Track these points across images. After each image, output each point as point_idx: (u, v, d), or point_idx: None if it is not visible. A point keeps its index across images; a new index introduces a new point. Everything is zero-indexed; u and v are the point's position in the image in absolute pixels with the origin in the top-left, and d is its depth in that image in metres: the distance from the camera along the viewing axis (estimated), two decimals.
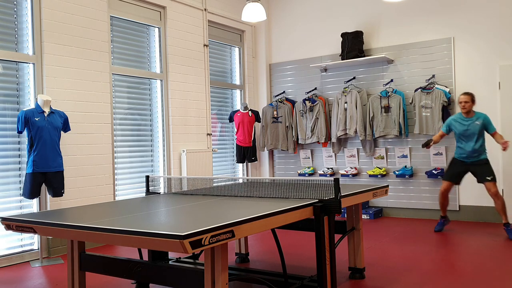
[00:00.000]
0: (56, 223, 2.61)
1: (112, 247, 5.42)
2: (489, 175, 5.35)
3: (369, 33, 7.11)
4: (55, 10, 5.12)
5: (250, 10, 5.27)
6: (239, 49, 7.96)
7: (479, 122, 5.35)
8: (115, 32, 5.90)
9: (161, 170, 6.42)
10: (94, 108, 5.49)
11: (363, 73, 7.17)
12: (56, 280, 4.15)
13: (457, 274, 3.94)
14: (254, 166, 7.88)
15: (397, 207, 6.90)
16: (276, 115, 7.65)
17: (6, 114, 4.82)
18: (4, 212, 4.76)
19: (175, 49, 6.56)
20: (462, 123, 5.44)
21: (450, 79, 6.47)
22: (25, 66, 4.98)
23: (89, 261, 3.12)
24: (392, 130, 6.68)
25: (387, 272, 4.05)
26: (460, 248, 4.83)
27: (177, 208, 3.05)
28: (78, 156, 5.29)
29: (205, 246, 2.21)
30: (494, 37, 6.20)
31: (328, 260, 3.18)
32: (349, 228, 3.94)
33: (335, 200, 3.11)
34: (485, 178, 5.35)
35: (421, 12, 6.70)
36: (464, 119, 5.45)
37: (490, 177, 5.34)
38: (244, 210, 2.80)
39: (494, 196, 5.31)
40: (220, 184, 4.66)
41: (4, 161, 4.78)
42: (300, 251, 4.95)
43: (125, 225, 2.43)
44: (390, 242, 5.25)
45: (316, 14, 7.63)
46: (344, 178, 7.28)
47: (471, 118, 5.41)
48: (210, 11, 7.17)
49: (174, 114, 6.49)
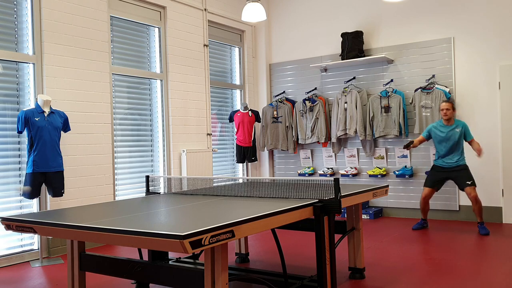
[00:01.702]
0: (56, 223, 2.61)
1: (112, 247, 5.42)
2: (469, 179, 5.56)
3: (369, 33, 7.11)
4: (55, 10, 5.12)
5: (250, 10, 5.27)
6: (239, 49, 7.96)
7: (458, 130, 5.58)
8: (115, 32, 5.90)
9: (161, 170, 6.42)
10: (94, 108, 5.49)
11: (363, 73, 7.17)
12: (56, 280, 4.15)
13: (457, 274, 3.94)
14: (254, 166, 7.88)
15: (397, 207, 6.90)
16: (276, 115, 7.65)
17: (6, 114, 4.82)
18: (4, 212, 4.76)
19: (175, 49, 6.56)
20: (442, 130, 5.66)
21: (450, 79, 6.47)
22: (25, 66, 4.98)
23: (89, 261, 3.12)
24: (392, 130, 6.68)
25: (387, 272, 4.05)
26: (460, 248, 4.83)
27: (177, 208, 3.05)
28: (78, 156, 5.29)
29: (205, 246, 2.21)
30: (494, 37, 6.20)
31: (328, 260, 3.18)
32: (349, 228, 3.94)
33: (335, 200, 3.11)
34: (465, 183, 5.55)
35: (421, 12, 6.70)
36: (444, 126, 5.66)
37: (470, 181, 5.55)
38: (244, 210, 2.80)
39: (473, 200, 5.51)
40: (220, 184, 4.66)
41: (4, 161, 4.78)
42: (300, 251, 4.95)
43: (125, 225, 2.43)
44: (390, 242, 5.25)
45: (316, 14, 7.63)
46: (344, 178, 7.28)
47: (451, 125, 5.63)
48: (210, 11, 7.17)
49: (174, 114, 6.49)
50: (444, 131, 5.64)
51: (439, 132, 5.67)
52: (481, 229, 5.53)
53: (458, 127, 5.60)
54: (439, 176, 5.73)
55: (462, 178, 5.59)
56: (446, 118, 5.60)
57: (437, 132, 5.69)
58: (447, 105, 5.58)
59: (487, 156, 6.23)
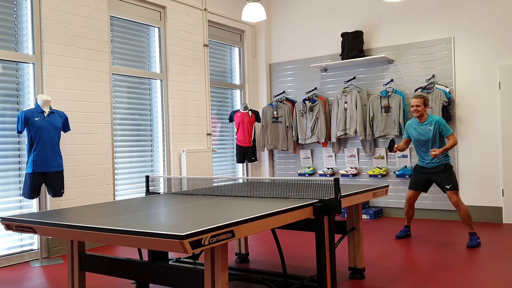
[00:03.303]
0: (56, 223, 2.61)
1: (112, 247, 5.42)
2: (448, 183, 5.00)
3: (369, 33, 7.11)
4: (55, 10, 5.12)
5: (250, 10, 5.27)
6: (239, 49, 7.96)
7: (431, 127, 5.05)
8: (115, 32, 5.90)
9: (161, 170, 6.42)
10: (94, 108, 5.49)
11: (363, 73, 7.17)
12: (56, 280, 4.15)
13: (457, 274, 3.94)
14: (254, 166, 7.88)
15: (397, 207, 6.90)
16: (276, 115, 7.65)
17: (6, 114, 4.82)
18: (4, 212, 4.76)
19: (175, 49, 6.55)
20: (416, 128, 5.17)
21: (450, 79, 6.47)
22: (25, 66, 4.97)
23: (89, 261, 3.12)
24: (392, 130, 6.68)
25: (387, 272, 4.05)
26: (460, 248, 4.83)
27: (177, 208, 3.05)
28: (78, 156, 5.29)
29: (205, 246, 2.21)
30: (494, 37, 6.20)
31: (328, 260, 3.18)
32: (349, 228, 3.94)
33: (335, 200, 3.11)
34: (445, 187, 5.02)
35: (421, 12, 6.70)
36: (418, 124, 5.17)
37: (449, 185, 5.00)
38: (244, 210, 2.80)
39: (455, 206, 5.00)
40: (220, 184, 4.65)
41: (4, 161, 4.78)
42: (300, 251, 4.94)
43: (125, 225, 2.43)
44: (390, 242, 5.24)
45: (316, 14, 7.63)
46: (344, 178, 7.28)
47: (424, 122, 5.11)
48: (210, 11, 7.17)
49: (174, 114, 6.49)
50: (417, 129, 5.14)
51: (414, 130, 5.18)
52: (471, 240, 4.94)
53: (431, 124, 5.05)
54: (421, 176, 5.22)
55: (442, 182, 5.05)
56: (417, 115, 5.08)
57: (411, 130, 5.20)
58: (418, 101, 5.05)
59: (487, 156, 6.23)
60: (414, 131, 5.19)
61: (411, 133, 5.23)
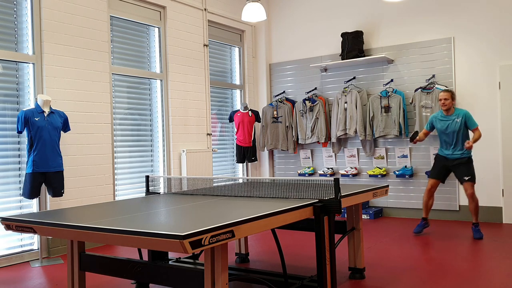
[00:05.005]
0: (56, 223, 2.61)
1: (112, 247, 5.42)
2: (467, 175, 5.30)
3: (369, 33, 7.11)
4: (55, 10, 5.12)
5: (250, 10, 5.27)
6: (239, 49, 7.96)
7: (458, 120, 5.31)
8: (115, 32, 5.90)
9: (161, 170, 6.42)
10: (94, 108, 5.49)
11: (363, 73, 7.17)
12: (56, 280, 4.15)
13: (457, 274, 3.94)
14: (254, 166, 7.88)
15: (397, 207, 6.90)
16: (276, 115, 7.65)
17: (6, 114, 4.82)
18: (4, 212, 4.76)
19: (175, 49, 6.55)
20: (443, 120, 5.42)
21: (450, 79, 6.47)
22: (25, 66, 4.98)
23: (89, 261, 3.12)
24: (392, 130, 6.68)
25: (387, 272, 4.05)
26: (460, 248, 4.83)
27: (177, 208, 3.05)
28: (78, 156, 5.29)
29: (205, 246, 2.21)
30: (494, 37, 6.20)
31: (328, 260, 3.18)
32: (349, 228, 3.94)
33: (335, 200, 3.11)
34: (463, 179, 5.30)
35: (421, 12, 6.70)
36: (444, 116, 5.42)
37: (468, 177, 5.29)
38: (244, 210, 2.80)
39: (469, 197, 5.30)
40: (220, 184, 4.65)
41: (4, 161, 4.78)
42: (300, 251, 4.94)
43: (125, 225, 2.43)
44: (390, 242, 5.24)
45: (316, 14, 7.63)
46: (344, 178, 7.28)
47: (450, 115, 5.38)
48: (210, 11, 7.17)
49: (174, 114, 6.49)
50: (444, 121, 5.40)
51: (440, 122, 5.43)
52: (475, 232, 5.32)
53: (459, 117, 5.31)
54: (442, 164, 5.47)
55: (461, 173, 5.34)
56: (445, 108, 5.35)
57: (437, 122, 5.46)
58: (446, 95, 5.34)
59: (487, 156, 6.23)
60: (440, 123, 5.44)
61: (437, 124, 5.48)
